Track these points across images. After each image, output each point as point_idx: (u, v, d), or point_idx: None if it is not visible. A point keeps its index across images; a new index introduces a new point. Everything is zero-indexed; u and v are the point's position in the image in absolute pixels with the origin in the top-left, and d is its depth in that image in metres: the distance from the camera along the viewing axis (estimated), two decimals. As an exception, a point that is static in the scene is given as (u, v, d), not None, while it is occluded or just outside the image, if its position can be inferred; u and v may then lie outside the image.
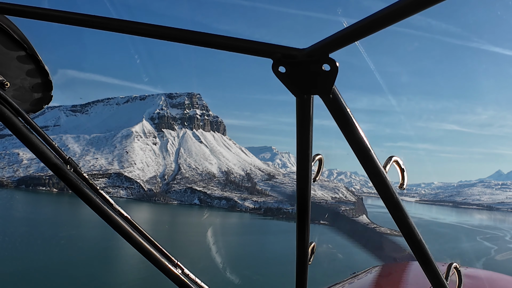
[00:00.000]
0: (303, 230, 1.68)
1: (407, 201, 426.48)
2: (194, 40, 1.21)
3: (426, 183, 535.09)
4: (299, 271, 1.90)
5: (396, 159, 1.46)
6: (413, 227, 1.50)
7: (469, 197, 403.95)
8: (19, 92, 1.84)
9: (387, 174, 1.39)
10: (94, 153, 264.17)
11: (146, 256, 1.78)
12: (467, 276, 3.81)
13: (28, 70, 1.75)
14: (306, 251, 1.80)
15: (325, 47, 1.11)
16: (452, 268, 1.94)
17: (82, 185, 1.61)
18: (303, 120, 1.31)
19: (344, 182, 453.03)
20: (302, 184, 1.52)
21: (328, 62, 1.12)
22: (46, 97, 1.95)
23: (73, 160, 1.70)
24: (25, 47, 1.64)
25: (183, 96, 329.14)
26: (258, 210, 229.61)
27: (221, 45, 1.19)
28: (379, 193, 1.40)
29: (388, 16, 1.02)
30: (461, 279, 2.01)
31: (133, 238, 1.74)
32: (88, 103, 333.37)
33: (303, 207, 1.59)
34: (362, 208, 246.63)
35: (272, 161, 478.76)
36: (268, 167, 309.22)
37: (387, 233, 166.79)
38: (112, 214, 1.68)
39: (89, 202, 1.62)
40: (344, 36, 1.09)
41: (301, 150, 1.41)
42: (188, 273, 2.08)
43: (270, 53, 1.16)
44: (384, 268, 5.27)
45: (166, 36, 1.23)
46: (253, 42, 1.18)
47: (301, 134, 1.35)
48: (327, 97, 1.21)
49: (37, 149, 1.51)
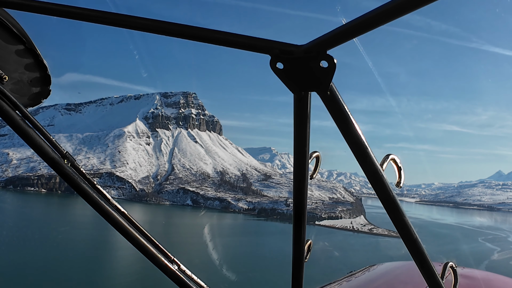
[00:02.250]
0: (299, 227, 1.67)
1: (407, 202, 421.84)
2: (192, 35, 1.20)
3: (427, 184, 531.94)
4: (295, 269, 1.88)
5: (393, 157, 1.46)
6: (410, 225, 1.50)
7: (470, 197, 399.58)
8: (17, 86, 1.82)
9: (384, 172, 1.39)
10: (87, 152, 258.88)
11: (142, 251, 1.77)
12: (463, 276, 3.81)
13: (27, 64, 1.74)
14: (302, 249, 1.79)
15: (323, 44, 1.11)
16: (448, 268, 1.93)
17: (79, 180, 1.60)
18: (300, 116, 1.30)
19: (343, 183, 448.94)
20: (299, 181, 1.51)
21: (326, 58, 1.11)
22: (44, 91, 1.94)
23: (71, 154, 1.70)
24: (23, 41, 1.63)
25: (178, 95, 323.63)
26: (252, 211, 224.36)
27: (219, 40, 1.18)
28: (376, 190, 1.40)
29: (387, 13, 1.02)
30: (457, 279, 2.01)
31: (130, 234, 1.73)
32: (81, 103, 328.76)
33: (300, 204, 1.59)
34: (360, 208, 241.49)
35: (272, 162, 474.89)
36: (264, 167, 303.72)
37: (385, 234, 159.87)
38: (109, 209, 1.67)
39: (86, 197, 1.61)
40: (342, 32, 1.08)
41: (298, 147, 1.39)
42: (184, 269, 2.07)
43: (268, 49, 1.16)
44: (380, 267, 5.18)
45: (164, 31, 1.22)
46: (251, 38, 1.17)
47: (298, 131, 1.34)
48: (324, 94, 1.20)
49: (35, 143, 1.50)
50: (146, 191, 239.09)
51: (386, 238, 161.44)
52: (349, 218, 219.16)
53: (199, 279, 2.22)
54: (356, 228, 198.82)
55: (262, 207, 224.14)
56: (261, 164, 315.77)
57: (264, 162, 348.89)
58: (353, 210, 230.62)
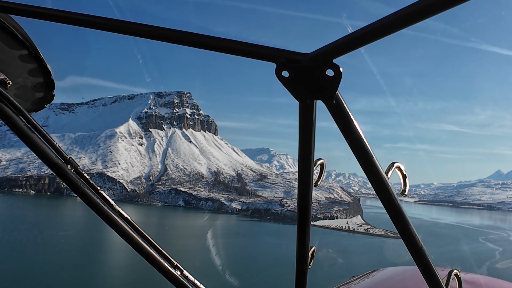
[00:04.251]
0: (303, 234, 1.67)
1: (406, 202, 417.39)
2: (197, 42, 1.20)
3: (426, 184, 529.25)
4: (299, 275, 1.87)
5: (399, 165, 1.46)
6: (414, 233, 1.51)
7: (469, 197, 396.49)
8: (21, 91, 1.82)
9: (389, 181, 1.39)
10: (78, 152, 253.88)
11: (146, 257, 1.76)
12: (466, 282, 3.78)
13: (30, 69, 1.74)
14: (306, 255, 1.78)
15: (329, 52, 1.10)
16: (453, 275, 1.94)
17: (83, 186, 1.59)
18: (306, 125, 1.30)
19: (342, 183, 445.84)
20: (303, 188, 1.51)
21: (332, 67, 1.11)
22: (48, 96, 1.94)
23: (74, 160, 1.70)
24: (27, 46, 1.62)
25: (172, 95, 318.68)
26: (245, 211, 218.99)
27: (225, 48, 1.19)
28: (381, 199, 1.39)
29: (394, 23, 1.01)
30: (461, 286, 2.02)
31: (133, 239, 1.72)
32: (73, 104, 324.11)
33: (304, 211, 1.59)
34: (358, 208, 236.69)
35: (270, 162, 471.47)
36: (261, 167, 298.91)
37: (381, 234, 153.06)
38: (113, 215, 1.67)
39: (89, 203, 1.60)
40: (349, 41, 1.08)
41: (303, 155, 1.39)
42: (187, 275, 2.07)
43: (274, 57, 1.15)
44: (383, 272, 5.16)
45: (169, 38, 1.21)
46: (257, 46, 1.17)
47: (303, 138, 1.34)
48: (330, 103, 1.20)
49: (38, 149, 1.48)
50: (137, 192, 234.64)
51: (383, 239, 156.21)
52: (345, 218, 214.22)
53: (202, 285, 2.20)
54: (352, 228, 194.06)
55: (255, 208, 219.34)
56: (257, 164, 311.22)
57: (259, 163, 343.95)
58: (350, 210, 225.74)
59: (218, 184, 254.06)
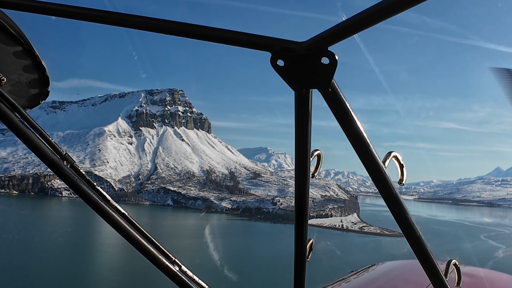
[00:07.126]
0: (301, 227, 1.65)
1: (406, 200, 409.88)
2: (191, 33, 1.18)
3: (425, 182, 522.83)
4: (297, 268, 1.87)
5: (395, 154, 1.45)
6: (413, 223, 1.49)
7: (469, 194, 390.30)
8: (15, 87, 1.81)
9: (386, 169, 1.37)
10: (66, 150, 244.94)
11: (143, 253, 1.76)
12: (466, 274, 3.80)
13: (25, 66, 1.73)
14: (304, 248, 1.78)
15: (324, 40, 1.09)
16: (452, 265, 1.93)
17: (79, 181, 1.57)
18: (301, 114, 1.28)
19: (341, 182, 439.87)
20: (300, 180, 1.48)
21: (327, 55, 1.09)
22: (43, 92, 1.93)
23: (70, 156, 1.68)
24: (22, 42, 1.61)
25: (164, 92, 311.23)
26: (235, 210, 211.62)
27: (219, 38, 1.17)
28: (378, 188, 1.38)
29: (388, 9, 1.01)
30: (460, 276, 2.01)
31: (130, 235, 1.71)
32: (64, 102, 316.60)
33: (301, 203, 1.57)
34: (354, 206, 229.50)
35: (268, 162, 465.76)
36: (255, 165, 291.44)
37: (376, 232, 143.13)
38: (109, 210, 1.64)
39: (86, 199, 1.57)
40: (343, 28, 1.06)
41: (300, 145, 1.36)
42: (185, 270, 2.06)
43: (268, 46, 1.14)
44: (383, 266, 5.26)
45: (164, 29, 1.20)
46: (251, 35, 1.16)
47: (299, 128, 1.31)
48: (326, 91, 1.18)
49: (34, 145, 1.46)
50: (125, 191, 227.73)
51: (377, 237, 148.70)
52: (340, 216, 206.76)
53: (200, 280, 2.18)
54: (346, 227, 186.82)
55: (246, 206, 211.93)
56: (252, 162, 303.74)
57: (258, 162, 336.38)
58: (346, 208, 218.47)
59: (209, 182, 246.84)
